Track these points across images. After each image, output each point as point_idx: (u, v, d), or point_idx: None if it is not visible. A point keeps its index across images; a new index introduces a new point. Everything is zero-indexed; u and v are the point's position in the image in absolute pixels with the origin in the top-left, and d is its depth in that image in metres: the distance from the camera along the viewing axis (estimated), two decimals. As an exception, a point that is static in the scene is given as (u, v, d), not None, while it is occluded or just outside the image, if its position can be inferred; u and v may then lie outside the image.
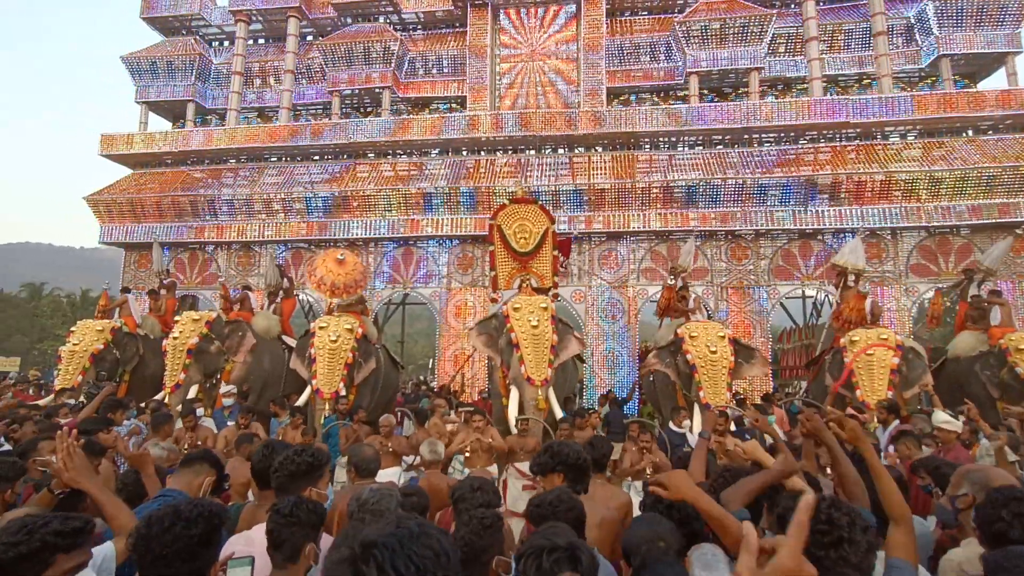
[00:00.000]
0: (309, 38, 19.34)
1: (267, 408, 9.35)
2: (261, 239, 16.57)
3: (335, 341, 8.48)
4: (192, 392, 8.85)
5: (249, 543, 2.29)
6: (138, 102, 18.89)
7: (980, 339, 9.52)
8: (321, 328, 8.70)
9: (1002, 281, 13.06)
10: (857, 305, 9.34)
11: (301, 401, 8.29)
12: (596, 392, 14.56)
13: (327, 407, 8.00)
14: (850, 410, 6.57)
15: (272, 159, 17.74)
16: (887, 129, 15.36)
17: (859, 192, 14.50)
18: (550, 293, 9.16)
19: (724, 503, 2.12)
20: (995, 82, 16.02)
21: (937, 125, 15.04)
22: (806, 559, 1.09)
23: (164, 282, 12.43)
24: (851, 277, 9.74)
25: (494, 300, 10.04)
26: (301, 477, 2.67)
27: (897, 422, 5.95)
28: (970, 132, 15.16)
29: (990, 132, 15.04)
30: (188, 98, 18.50)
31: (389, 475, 5.54)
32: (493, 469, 6.01)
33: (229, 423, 7.80)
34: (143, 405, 8.29)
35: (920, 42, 16.13)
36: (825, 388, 9.75)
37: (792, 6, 16.93)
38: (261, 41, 19.77)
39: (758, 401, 12.36)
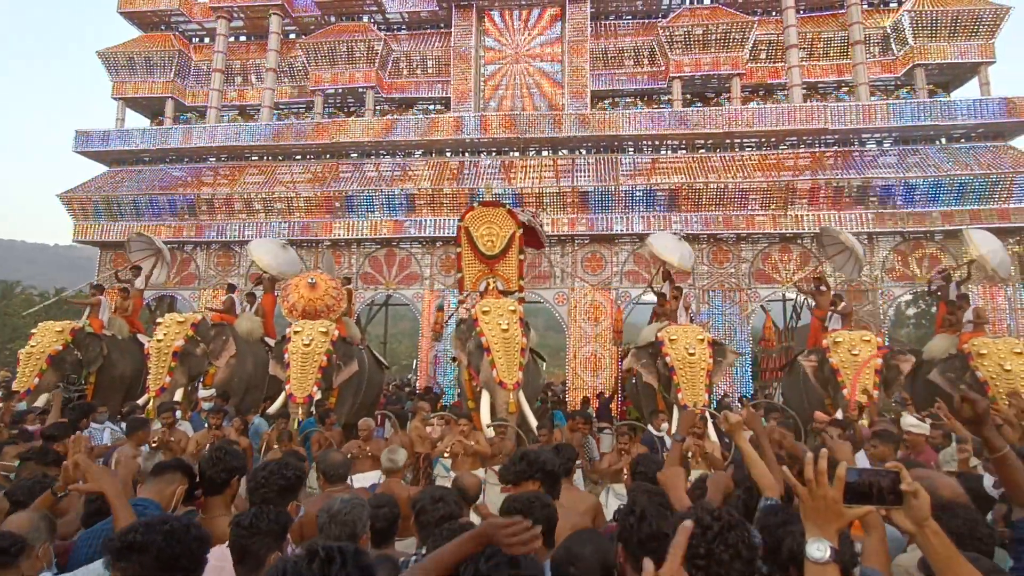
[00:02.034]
0: (292, 36, 19.14)
1: (249, 411, 9.27)
2: (242, 239, 16.36)
3: (308, 345, 8.40)
4: (178, 395, 8.70)
5: (223, 558, 2.26)
6: (115, 98, 18.55)
7: (952, 342, 9.74)
8: (296, 332, 8.62)
9: (973, 286, 13.33)
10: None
11: (276, 405, 8.23)
12: (579, 394, 14.63)
13: (300, 411, 7.92)
14: (822, 416, 6.68)
15: (253, 158, 17.53)
16: (864, 136, 15.64)
17: (837, 197, 14.75)
18: (516, 296, 9.19)
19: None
20: (968, 92, 16.42)
21: (912, 133, 15.36)
22: None
23: (120, 279, 12.17)
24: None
25: (461, 302, 10.06)
26: (289, 492, 2.65)
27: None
28: (943, 140, 15.50)
29: (963, 140, 15.38)
30: (167, 95, 18.21)
31: (369, 479, 5.49)
32: (480, 473, 5.99)
33: (207, 426, 7.71)
34: (123, 411, 8.15)
35: (896, 51, 16.45)
36: (800, 389, 9.91)
37: (773, 14, 17.15)
38: (243, 38, 19.52)
39: (737, 403, 12.51)
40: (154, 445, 6.06)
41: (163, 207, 16.47)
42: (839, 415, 7.37)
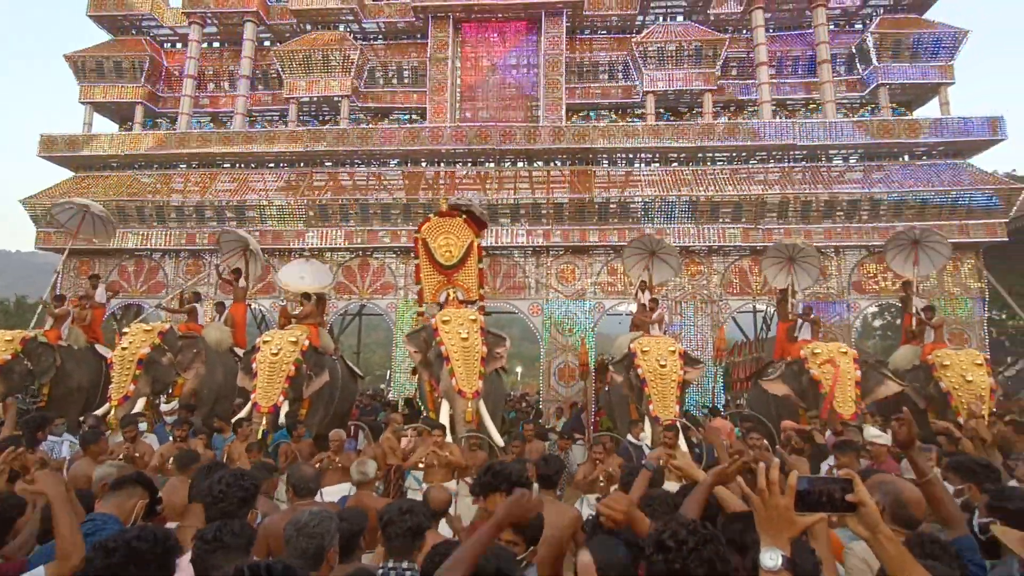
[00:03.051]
0: (267, 43, 18.99)
1: (218, 424, 9.06)
2: (212, 247, 16.07)
3: (276, 354, 8.28)
4: (139, 406, 8.45)
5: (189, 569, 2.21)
6: (82, 102, 18.15)
7: (916, 353, 10.02)
8: (264, 342, 8.50)
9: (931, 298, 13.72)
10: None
11: (243, 415, 8.08)
12: (552, 405, 14.64)
13: (264, 421, 7.78)
14: (790, 424, 6.77)
15: (225, 165, 17.28)
16: (831, 152, 16.06)
17: (805, 211, 15.09)
18: (476, 305, 9.21)
19: None
20: (930, 111, 17.00)
21: (876, 150, 15.82)
22: None
23: (79, 293, 11.84)
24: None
25: (420, 314, 10.04)
26: (248, 503, 2.60)
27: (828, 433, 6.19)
28: (906, 157, 15.99)
29: (924, 158, 15.89)
30: (137, 100, 17.87)
31: (339, 491, 5.41)
32: (452, 484, 5.95)
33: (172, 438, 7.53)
34: (81, 420, 7.89)
35: (861, 71, 16.97)
36: (766, 400, 10.05)
37: (743, 32, 17.58)
38: (216, 45, 19.29)
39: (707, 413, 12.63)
40: (120, 461, 5.91)
41: (131, 214, 16.12)
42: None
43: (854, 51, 16.98)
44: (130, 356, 8.61)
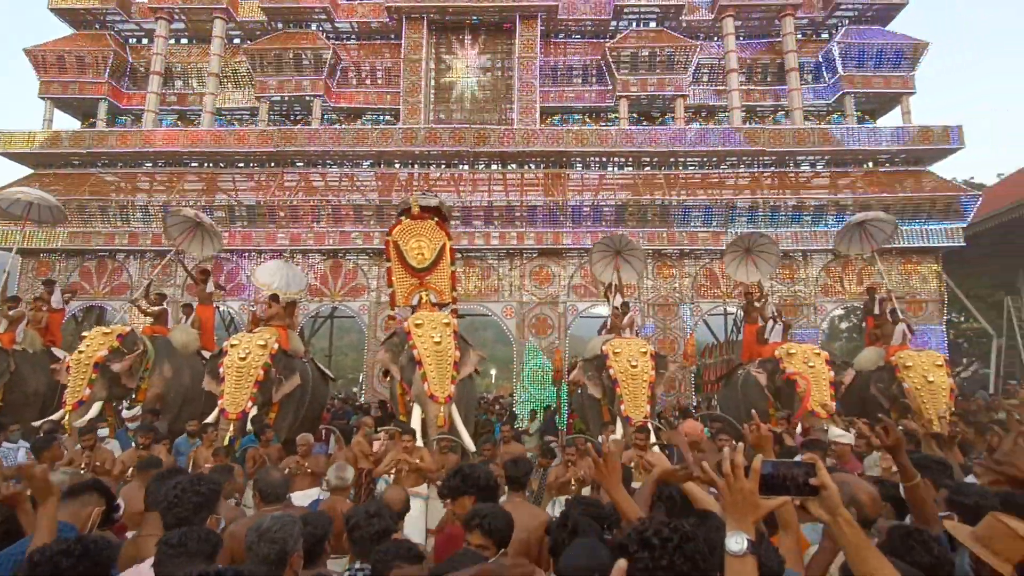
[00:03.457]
0: (236, 41, 18.66)
1: (183, 428, 8.83)
2: (178, 247, 15.69)
3: (244, 359, 8.12)
4: (95, 410, 8.19)
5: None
6: (42, 97, 17.58)
7: (880, 354, 10.29)
8: (232, 346, 8.33)
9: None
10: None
11: (210, 421, 7.91)
12: (526, 407, 14.64)
13: (232, 428, 7.62)
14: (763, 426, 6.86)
15: (193, 164, 16.92)
16: (799, 158, 16.41)
17: (774, 216, 15.38)
18: (449, 308, 9.17)
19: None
20: (892, 119, 17.49)
21: (842, 156, 16.21)
22: None
23: (38, 294, 11.42)
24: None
25: (392, 318, 9.97)
26: (205, 508, 2.54)
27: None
28: (870, 164, 16.43)
29: (887, 165, 16.35)
30: (100, 96, 17.39)
31: (308, 496, 5.32)
32: (422, 489, 5.90)
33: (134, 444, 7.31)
34: (36, 425, 7.62)
35: (827, 79, 17.38)
36: (737, 399, 10.21)
37: (714, 39, 17.86)
38: (184, 41, 18.88)
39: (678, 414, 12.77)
40: (83, 471, 5.73)
41: (93, 213, 15.65)
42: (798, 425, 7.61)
43: (821, 60, 17.39)
44: (86, 360, 8.35)
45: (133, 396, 8.93)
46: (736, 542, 1.34)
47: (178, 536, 2.01)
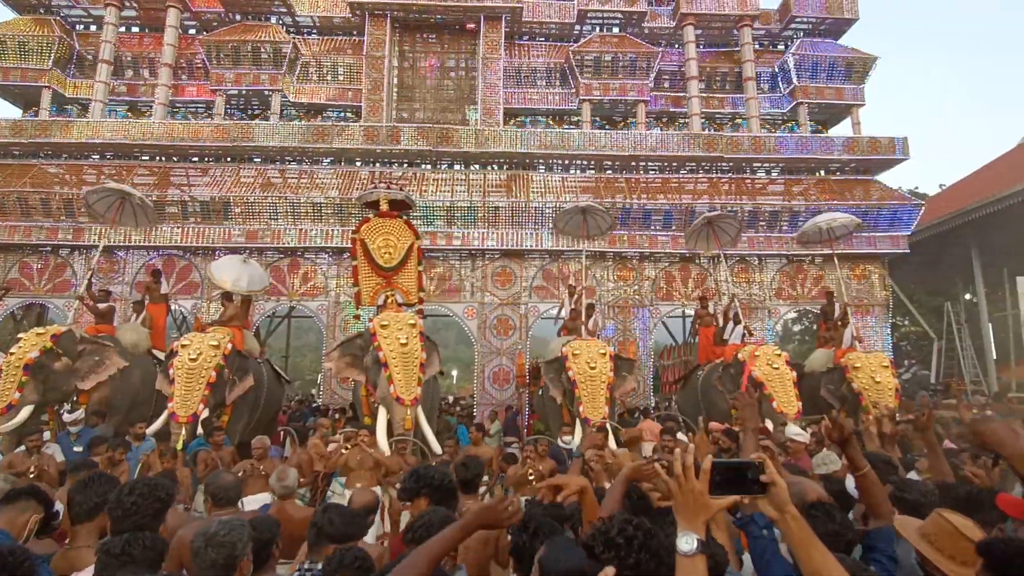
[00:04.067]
0: (192, 31, 18.09)
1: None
2: (127, 244, 15.14)
3: (195, 360, 7.86)
4: (24, 414, 7.78)
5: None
6: (-20, 84, 16.71)
7: (830, 356, 10.67)
8: (183, 346, 8.06)
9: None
10: None
11: (158, 425, 7.65)
12: (487, 408, 14.62)
13: (184, 432, 7.38)
14: (716, 425, 7.01)
15: (144, 158, 16.31)
16: (755, 165, 16.86)
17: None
18: (415, 309, 9.11)
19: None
20: (843, 129, 18.14)
21: (796, 164, 16.74)
22: None
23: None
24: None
25: (357, 317, 9.86)
26: (163, 514, 2.46)
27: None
28: (822, 172, 17.00)
29: (838, 173, 16.95)
30: (44, 84, 16.60)
31: (259, 501, 5.18)
32: (378, 489, 5.82)
33: (77, 449, 7.00)
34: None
35: (783, 89, 17.92)
36: (696, 400, 10.40)
37: (676, 47, 18.21)
38: (135, 29, 18.20)
39: (638, 414, 12.94)
40: (32, 475, 5.48)
41: (35, 206, 14.93)
42: (769, 425, 7.76)
43: (777, 70, 17.91)
44: (16, 361, 7.95)
45: (74, 399, 8.55)
46: (686, 542, 1.36)
47: (121, 543, 1.92)
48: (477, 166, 16.65)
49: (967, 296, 20.06)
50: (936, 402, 13.38)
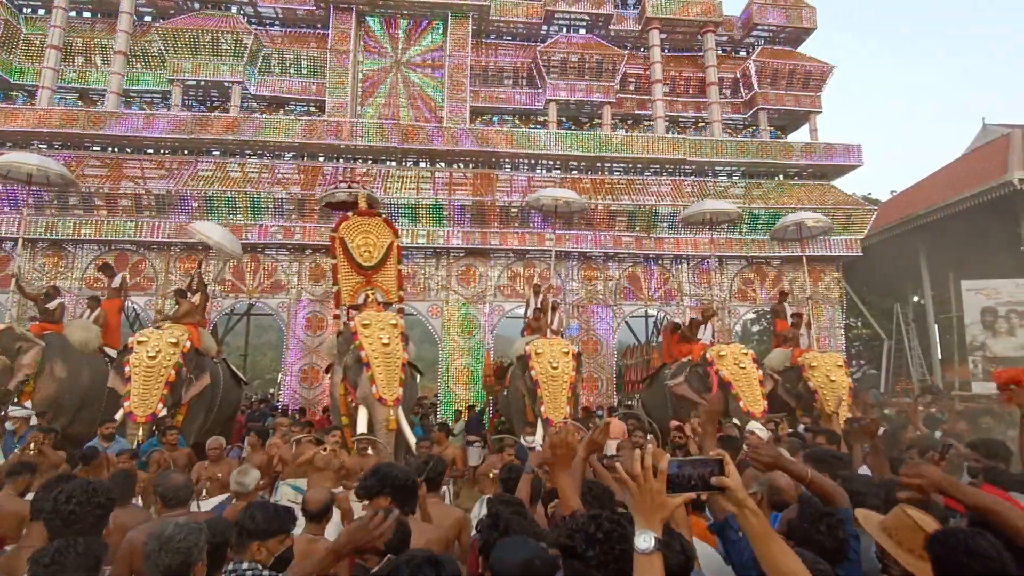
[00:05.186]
0: (148, 19, 17.47)
1: (80, 432, 8.17)
2: (77, 237, 14.55)
3: (154, 357, 7.63)
4: None
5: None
6: (-84, 67, 15.80)
7: (787, 356, 10.95)
8: (139, 343, 7.80)
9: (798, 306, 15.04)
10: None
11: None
12: (451, 407, 14.56)
13: (141, 432, 7.14)
14: (675, 423, 7.13)
15: (95, 148, 15.69)
16: (717, 168, 17.20)
17: (686, 224, 16.00)
18: (395, 307, 9.04)
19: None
20: (801, 135, 18.66)
21: (756, 168, 17.15)
22: None
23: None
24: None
25: (337, 316, 9.72)
26: (106, 518, 2.36)
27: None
28: (781, 177, 17.46)
29: (796, 178, 17.43)
30: (-13, 69, 15.81)
31: (213, 502, 5.03)
32: (338, 491, 5.72)
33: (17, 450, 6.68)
34: None
35: (744, 95, 18.33)
36: (661, 399, 10.53)
37: (641, 50, 18.42)
38: (87, 15, 17.48)
39: (600, 413, 13.07)
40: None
41: (-24, 197, 14.20)
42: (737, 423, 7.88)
43: (739, 76, 18.31)
44: None
45: (16, 400, 8.16)
46: (644, 540, 1.37)
47: (51, 552, 1.82)
48: (443, 164, 16.55)
49: (915, 298, 20.88)
50: (886, 400, 13.89)
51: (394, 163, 16.41)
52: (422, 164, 16.56)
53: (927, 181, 20.54)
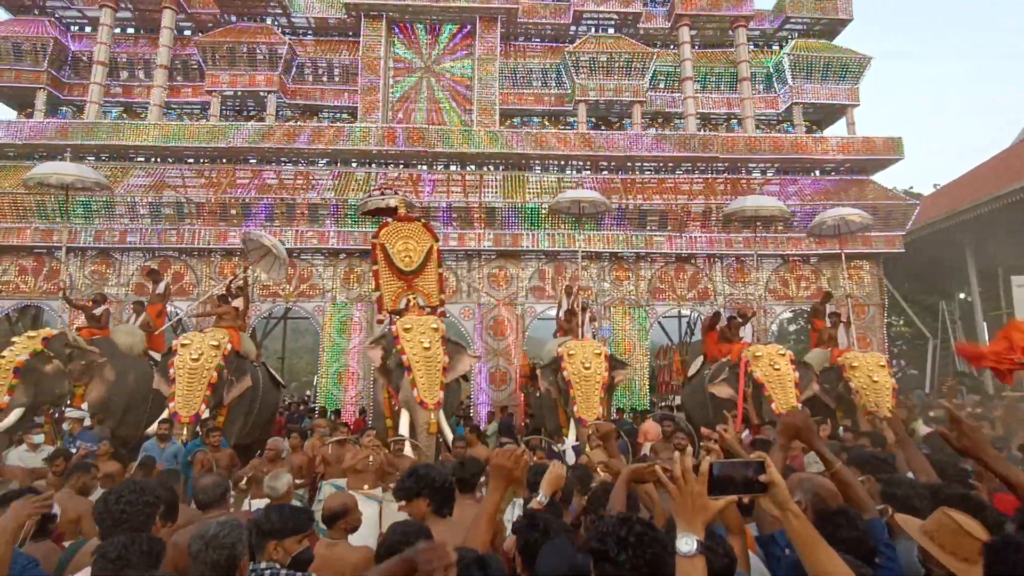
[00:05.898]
0: (187, 33, 18.03)
1: (128, 434, 8.50)
2: (123, 245, 15.10)
3: (196, 359, 7.87)
4: (13, 417, 7.76)
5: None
6: (-28, 86, 16.62)
7: (826, 356, 10.70)
8: (183, 345, 8.06)
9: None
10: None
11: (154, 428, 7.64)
12: (484, 409, 14.64)
13: (185, 432, 7.38)
14: (705, 431, 7.04)
15: (139, 159, 16.27)
16: (751, 165, 16.90)
17: (727, 221, 15.72)
18: (437, 311, 9.12)
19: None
20: (838, 129, 18.19)
21: (791, 164, 16.78)
22: None
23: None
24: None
25: (380, 321, 9.85)
26: (154, 516, 2.45)
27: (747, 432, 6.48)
28: (817, 172, 17.05)
29: (833, 173, 17.00)
30: (39, 85, 16.52)
31: (262, 503, 5.17)
32: (377, 492, 5.82)
33: (73, 449, 6.98)
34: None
35: (777, 90, 17.97)
36: (703, 400, 10.39)
37: (671, 47, 18.23)
38: (131, 31, 18.13)
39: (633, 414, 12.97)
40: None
41: (29, 208, 14.87)
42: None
43: (772, 70, 17.96)
44: (6, 365, 7.96)
45: (68, 402, 8.53)
46: (686, 543, 1.37)
47: (117, 547, 1.91)
48: (473, 166, 16.66)
49: (961, 295, 20.14)
50: (931, 402, 13.43)
51: (425, 167, 16.58)
52: (452, 167, 16.69)
53: (971, 174, 19.79)
